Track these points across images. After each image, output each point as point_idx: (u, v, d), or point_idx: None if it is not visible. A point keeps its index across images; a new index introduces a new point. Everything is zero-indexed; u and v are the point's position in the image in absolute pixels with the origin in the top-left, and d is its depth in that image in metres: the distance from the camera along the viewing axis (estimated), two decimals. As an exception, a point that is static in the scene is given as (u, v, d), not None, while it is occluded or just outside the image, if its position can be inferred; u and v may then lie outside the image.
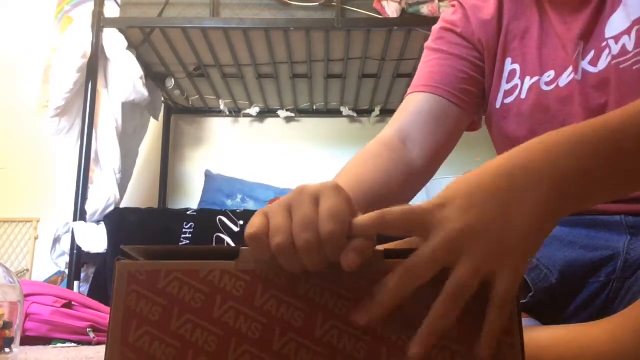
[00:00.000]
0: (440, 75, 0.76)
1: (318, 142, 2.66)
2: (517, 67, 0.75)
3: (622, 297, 0.62)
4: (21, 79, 2.61)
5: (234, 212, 1.74)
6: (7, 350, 0.80)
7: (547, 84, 0.71)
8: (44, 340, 1.23)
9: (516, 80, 0.74)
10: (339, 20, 1.83)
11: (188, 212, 1.75)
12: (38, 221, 2.43)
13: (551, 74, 0.71)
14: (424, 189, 2.24)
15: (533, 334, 0.53)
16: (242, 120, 2.68)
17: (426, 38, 0.85)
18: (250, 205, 2.34)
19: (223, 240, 1.66)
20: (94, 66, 1.85)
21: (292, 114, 2.64)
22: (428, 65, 0.79)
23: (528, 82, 0.73)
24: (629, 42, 0.64)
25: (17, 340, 0.82)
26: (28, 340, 1.20)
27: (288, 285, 0.41)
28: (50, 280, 2.14)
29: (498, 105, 0.76)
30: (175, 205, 2.54)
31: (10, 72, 2.62)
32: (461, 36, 0.79)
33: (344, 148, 2.65)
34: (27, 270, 2.35)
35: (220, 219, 1.70)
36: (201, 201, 2.38)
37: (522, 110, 0.73)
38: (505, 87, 0.75)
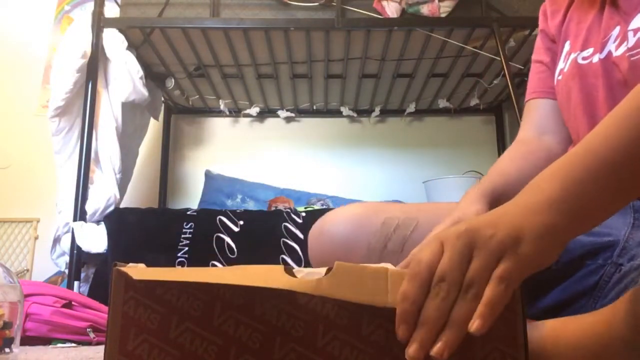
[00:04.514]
0: (546, 80, 0.91)
1: (318, 142, 2.66)
2: (570, 47, 0.84)
3: (615, 282, 0.63)
4: (21, 79, 2.61)
5: (234, 212, 1.74)
6: (7, 350, 0.80)
7: (584, 58, 0.79)
8: (44, 340, 1.23)
9: (567, 59, 0.83)
10: (339, 20, 1.83)
11: (188, 212, 1.75)
12: (38, 221, 2.43)
13: (590, 50, 0.78)
14: (424, 189, 2.26)
15: (531, 330, 0.53)
16: (242, 120, 2.68)
17: (426, 38, 0.88)
18: (250, 205, 2.34)
19: (223, 240, 1.66)
20: (94, 66, 1.85)
21: (292, 114, 2.64)
22: (536, 74, 0.94)
23: (572, 57, 0.81)
24: None
25: (17, 340, 0.82)
26: (28, 340, 1.20)
27: (288, 295, 0.40)
28: (50, 280, 2.14)
29: (555, 82, 0.86)
30: (175, 205, 2.54)
31: (10, 72, 2.62)
32: (550, 37, 0.93)
33: (344, 148, 2.65)
34: (27, 270, 2.35)
35: (220, 219, 1.70)
36: (201, 201, 2.38)
37: (563, 82, 0.82)
38: (560, 65, 0.85)
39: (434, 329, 0.40)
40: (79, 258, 1.75)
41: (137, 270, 0.41)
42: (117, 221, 1.75)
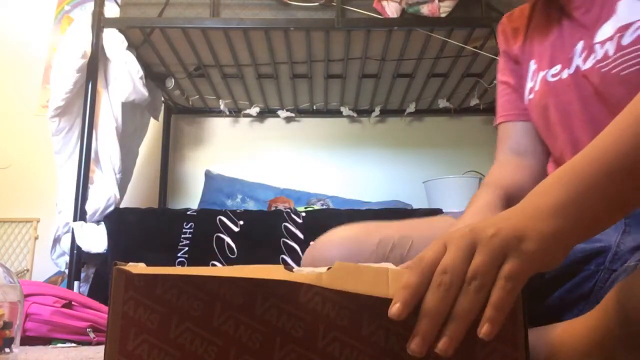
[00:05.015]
0: (515, 102, 0.92)
1: (318, 142, 2.66)
2: (536, 66, 0.85)
3: (607, 288, 0.64)
4: (21, 79, 2.61)
5: (234, 212, 1.74)
6: (7, 350, 0.79)
7: (553, 75, 0.80)
8: (44, 340, 1.23)
9: (535, 77, 0.84)
10: (339, 20, 1.83)
11: (188, 212, 1.75)
12: (38, 221, 2.43)
13: (558, 67, 0.79)
14: (423, 188, 2.26)
15: (538, 336, 0.54)
16: (242, 120, 2.68)
17: (426, 38, 0.90)
18: (250, 205, 2.34)
19: (223, 240, 1.66)
20: (94, 66, 1.85)
21: (292, 114, 2.64)
22: (503, 96, 0.95)
23: (541, 75, 0.82)
24: (611, 48, 0.70)
25: (17, 340, 0.82)
26: (28, 340, 1.20)
27: (289, 294, 0.40)
28: (50, 280, 2.14)
29: (526, 102, 0.87)
30: (175, 205, 2.54)
31: (10, 72, 2.62)
32: (512, 59, 0.94)
33: (344, 148, 2.65)
34: (27, 270, 2.35)
35: (220, 219, 1.70)
36: (201, 201, 2.38)
37: (536, 101, 0.83)
38: (529, 84, 0.86)
39: (436, 321, 0.40)
40: (79, 258, 1.75)
41: (138, 270, 0.41)
42: (117, 221, 1.75)
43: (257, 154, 2.63)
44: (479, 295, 0.40)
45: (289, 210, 1.80)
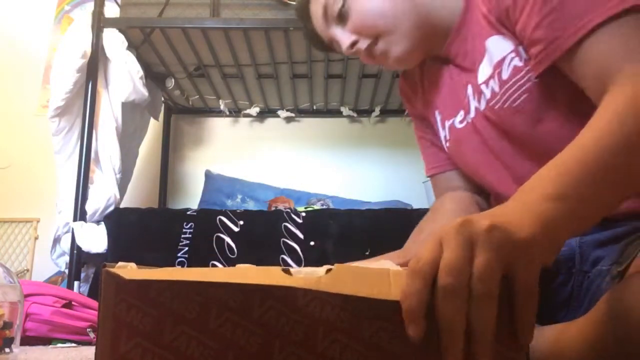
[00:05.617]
0: (437, 154, 0.97)
1: (318, 142, 2.66)
2: (441, 115, 0.89)
3: (586, 289, 0.65)
4: (21, 79, 2.61)
5: (234, 212, 1.74)
6: (7, 350, 0.79)
7: (460, 122, 0.83)
8: (44, 340, 1.23)
9: (444, 126, 0.89)
10: (339, 20, 1.82)
11: (188, 212, 1.75)
12: (38, 221, 2.43)
13: (461, 113, 0.83)
14: (423, 188, 2.27)
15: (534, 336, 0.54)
16: (242, 120, 2.67)
17: None
18: (250, 205, 2.34)
19: (223, 240, 1.66)
20: (94, 66, 1.85)
21: (292, 114, 2.64)
22: (424, 150, 1.02)
23: (448, 124, 0.87)
24: (495, 85, 0.73)
25: (17, 340, 0.82)
26: (28, 340, 1.20)
27: (287, 297, 0.39)
28: (50, 280, 2.14)
29: (446, 149, 0.91)
30: (175, 205, 2.54)
31: (10, 72, 2.62)
32: (419, 117, 1.01)
33: (344, 148, 2.65)
34: (27, 270, 2.35)
35: (220, 219, 1.70)
36: (201, 201, 2.38)
37: (452, 149, 0.88)
38: (442, 134, 0.90)
39: (459, 334, 0.38)
40: (79, 258, 1.75)
41: (128, 271, 0.40)
42: (117, 221, 1.75)
43: (257, 154, 2.62)
44: (492, 303, 0.38)
45: (289, 210, 1.80)
